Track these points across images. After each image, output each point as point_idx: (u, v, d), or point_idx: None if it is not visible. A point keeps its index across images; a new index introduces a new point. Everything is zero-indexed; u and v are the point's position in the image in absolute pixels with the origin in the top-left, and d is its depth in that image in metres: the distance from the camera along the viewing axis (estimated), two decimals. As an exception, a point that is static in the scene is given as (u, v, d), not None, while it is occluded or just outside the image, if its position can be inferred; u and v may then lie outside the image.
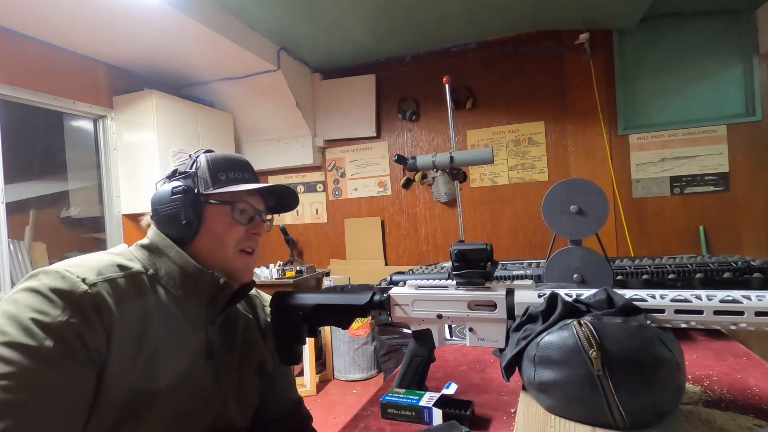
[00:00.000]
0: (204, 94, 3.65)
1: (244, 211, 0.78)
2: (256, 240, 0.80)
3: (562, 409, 0.59)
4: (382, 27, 3.20)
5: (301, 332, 0.83)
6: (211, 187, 0.76)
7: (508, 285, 0.73)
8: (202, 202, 0.75)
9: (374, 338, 3.33)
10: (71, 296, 0.59)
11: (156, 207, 0.76)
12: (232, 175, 0.78)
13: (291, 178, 4.16)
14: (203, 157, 0.79)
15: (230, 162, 0.80)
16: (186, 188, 0.74)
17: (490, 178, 3.59)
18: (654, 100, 3.22)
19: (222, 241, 0.75)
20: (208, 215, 0.75)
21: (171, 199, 0.74)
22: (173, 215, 0.74)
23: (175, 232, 0.74)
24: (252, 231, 0.78)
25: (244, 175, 0.80)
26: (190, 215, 0.73)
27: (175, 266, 0.72)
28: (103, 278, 0.64)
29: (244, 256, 0.78)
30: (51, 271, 0.62)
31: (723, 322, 0.57)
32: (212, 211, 0.75)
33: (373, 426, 0.73)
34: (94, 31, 2.59)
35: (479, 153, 1.67)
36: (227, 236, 0.75)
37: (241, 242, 0.77)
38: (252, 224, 0.79)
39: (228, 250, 0.76)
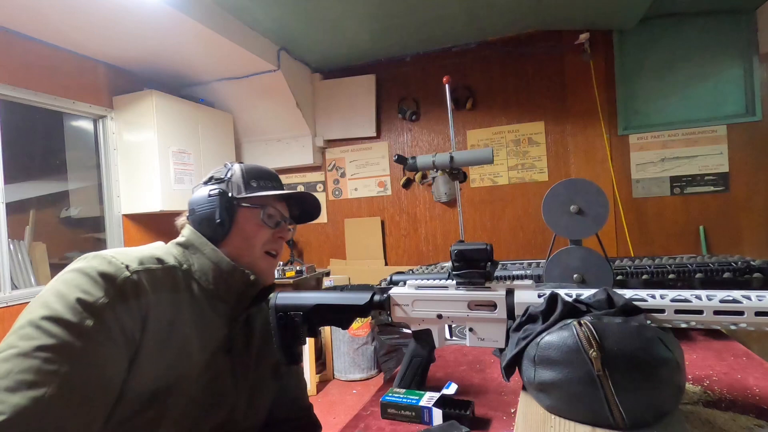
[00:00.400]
0: (204, 94, 3.65)
1: (271, 215, 0.85)
2: (280, 243, 0.87)
3: (562, 409, 0.59)
4: (382, 27, 3.20)
5: (301, 332, 0.83)
6: (244, 192, 0.83)
7: (508, 285, 0.73)
8: (235, 204, 0.82)
9: (374, 338, 3.33)
10: (115, 281, 0.64)
11: (193, 207, 0.83)
12: (262, 183, 0.86)
13: (291, 178, 4.16)
14: (237, 166, 0.87)
15: (261, 172, 0.88)
16: (221, 192, 0.81)
17: (490, 178, 3.59)
18: (654, 100, 3.23)
19: (251, 242, 0.82)
20: (239, 217, 0.82)
21: (207, 200, 0.81)
22: (208, 215, 0.81)
23: (209, 232, 0.81)
24: (278, 234, 0.86)
25: (273, 184, 0.89)
26: (223, 216, 0.80)
27: (209, 262, 0.78)
28: (143, 267, 0.69)
29: (268, 258, 0.85)
30: (99, 255, 0.67)
31: (723, 322, 0.57)
32: (243, 213, 0.82)
33: (373, 426, 0.73)
34: (94, 31, 2.59)
35: (479, 153, 1.67)
36: (256, 237, 0.82)
37: (267, 244, 0.84)
38: (278, 228, 0.86)
39: (255, 250, 0.82)
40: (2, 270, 2.46)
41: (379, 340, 3.23)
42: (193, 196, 0.84)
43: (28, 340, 0.56)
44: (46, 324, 0.57)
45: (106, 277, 0.64)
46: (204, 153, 3.46)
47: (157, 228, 3.37)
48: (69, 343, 0.57)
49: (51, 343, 0.56)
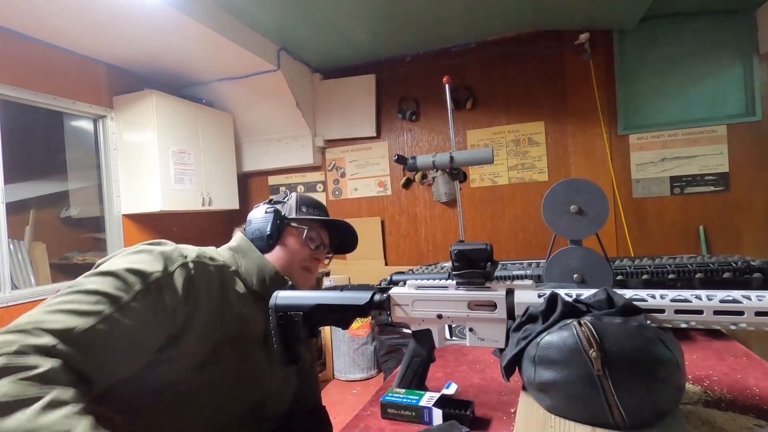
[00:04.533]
0: (204, 94, 3.65)
1: (313, 238, 0.99)
2: (316, 264, 1.01)
3: (562, 409, 0.59)
4: (382, 27, 3.20)
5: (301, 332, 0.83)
6: (294, 214, 0.98)
7: (508, 285, 0.73)
8: (285, 223, 0.97)
9: (374, 338, 3.33)
10: (173, 264, 0.76)
11: (250, 220, 0.99)
12: (312, 210, 1.01)
13: (291, 178, 4.16)
14: (294, 194, 1.03)
15: (312, 201, 1.04)
16: (275, 210, 0.98)
17: (490, 178, 3.59)
18: (654, 100, 3.22)
19: (291, 256, 0.96)
20: (286, 234, 0.97)
21: (263, 216, 0.97)
22: (261, 228, 0.96)
23: (258, 242, 0.96)
24: (315, 255, 1.00)
25: (321, 213, 1.03)
26: (273, 231, 0.96)
27: (255, 266, 0.92)
28: (199, 261, 0.81)
29: (304, 273, 0.99)
30: (166, 242, 0.81)
31: (723, 322, 0.57)
32: (290, 231, 0.98)
33: (373, 426, 0.73)
34: (94, 31, 2.59)
35: (479, 153, 1.66)
36: (296, 254, 0.97)
37: (304, 261, 0.98)
38: (317, 251, 1.00)
39: (294, 264, 0.97)
40: (2, 270, 2.46)
41: (379, 340, 3.23)
42: (252, 212, 1.01)
43: (92, 283, 0.67)
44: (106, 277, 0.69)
45: (166, 258, 0.76)
46: (204, 153, 3.46)
47: (158, 228, 3.37)
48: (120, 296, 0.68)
49: (106, 291, 0.67)
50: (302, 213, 0.99)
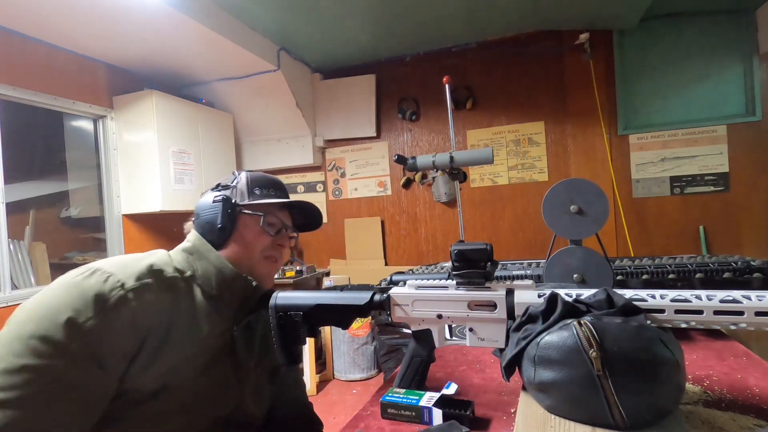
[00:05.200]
0: (204, 94, 3.65)
1: (272, 223, 0.86)
2: (280, 251, 0.88)
3: (562, 409, 0.59)
4: (382, 27, 3.20)
5: (301, 332, 0.83)
6: (247, 199, 0.85)
7: (508, 285, 0.73)
8: (237, 211, 0.84)
9: (374, 338, 3.33)
10: (108, 301, 0.64)
11: (198, 212, 0.86)
12: (266, 191, 0.88)
13: (291, 178, 4.16)
14: (244, 174, 0.89)
15: (266, 180, 0.90)
16: (224, 198, 0.84)
17: (490, 178, 3.59)
18: (654, 100, 3.22)
19: (250, 247, 0.84)
20: (240, 223, 0.84)
21: (211, 206, 0.84)
22: (211, 220, 0.83)
23: (211, 236, 0.83)
24: (277, 242, 0.87)
25: (277, 192, 0.90)
26: (225, 221, 0.83)
27: (213, 268, 0.80)
28: (140, 283, 0.69)
29: (268, 263, 0.86)
30: (98, 271, 0.67)
31: (723, 322, 0.57)
32: (245, 219, 0.84)
33: (373, 426, 0.73)
34: (94, 31, 2.59)
35: (479, 153, 1.67)
36: (255, 243, 0.84)
37: (266, 250, 0.85)
38: (278, 236, 0.87)
39: (254, 255, 0.84)
40: (2, 270, 2.46)
41: (379, 340, 3.23)
42: (199, 201, 0.87)
43: (16, 356, 0.57)
44: (33, 342, 0.58)
45: (99, 297, 0.64)
46: (204, 153, 3.46)
47: (157, 228, 3.36)
48: (53, 365, 0.58)
49: (36, 364, 0.57)
50: (256, 196, 0.86)
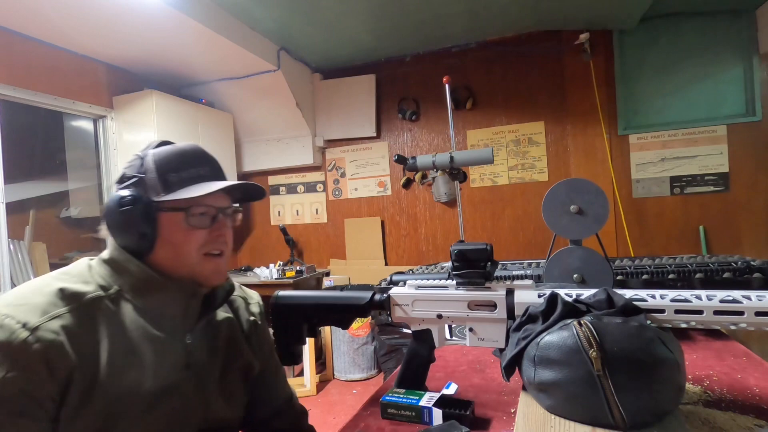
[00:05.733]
0: (204, 94, 3.65)
1: (202, 213, 0.71)
2: (222, 241, 0.74)
3: (562, 409, 0.59)
4: (382, 27, 3.20)
5: (301, 332, 0.83)
6: (162, 193, 0.69)
7: (508, 285, 0.73)
8: (154, 210, 0.68)
9: (374, 338, 3.33)
10: (10, 347, 0.55)
11: (107, 219, 0.70)
12: (184, 174, 0.71)
13: (291, 178, 4.16)
14: (150, 158, 0.71)
15: (181, 159, 0.72)
16: (133, 198, 0.67)
17: (490, 178, 3.59)
18: (654, 100, 3.22)
19: (182, 250, 0.70)
20: (162, 224, 0.69)
21: (119, 211, 0.67)
22: (124, 228, 0.68)
23: (131, 244, 0.69)
24: (215, 233, 0.72)
25: (199, 171, 0.72)
26: (142, 227, 0.68)
27: (139, 282, 0.68)
28: (48, 317, 0.59)
29: (211, 260, 0.73)
30: None
31: (723, 322, 0.57)
32: (166, 219, 0.69)
33: (373, 426, 0.73)
34: (94, 31, 2.59)
35: (479, 153, 1.67)
36: (186, 244, 0.70)
37: (204, 246, 0.72)
38: (215, 225, 0.72)
39: (190, 257, 0.70)
40: (2, 270, 2.46)
41: (379, 340, 3.23)
42: (105, 204, 0.70)
43: None
44: None
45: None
46: (204, 153, 3.45)
47: (157, 228, 3.36)
48: None
49: None
50: (171, 185, 0.69)
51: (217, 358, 0.76)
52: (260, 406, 0.86)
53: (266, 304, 0.90)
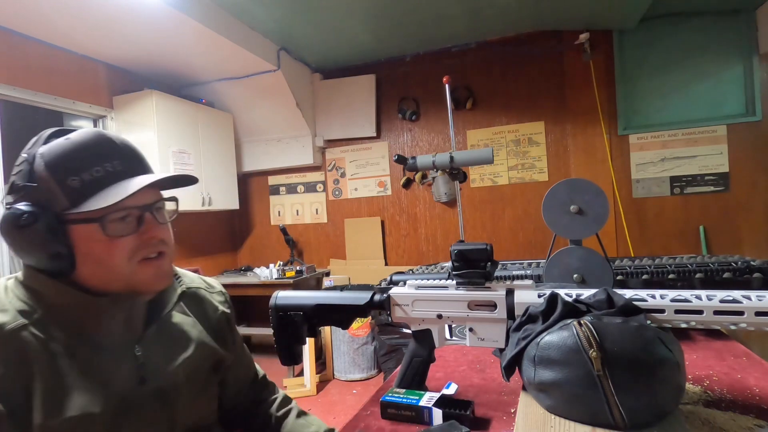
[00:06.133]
0: (204, 94, 3.65)
1: (124, 217, 0.60)
2: (155, 242, 0.63)
3: (562, 409, 0.59)
4: (382, 27, 3.20)
5: (301, 332, 0.83)
6: (66, 203, 0.57)
7: (508, 285, 0.73)
8: (62, 225, 0.57)
9: (374, 338, 3.33)
10: None
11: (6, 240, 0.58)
12: (87, 176, 0.58)
13: (291, 178, 4.16)
14: (40, 161, 0.58)
15: (80, 157, 0.59)
16: (31, 215, 0.56)
17: (490, 178, 3.59)
18: (654, 100, 3.22)
19: (109, 264, 0.60)
20: (77, 239, 0.58)
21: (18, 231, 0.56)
22: (28, 250, 0.57)
23: (45, 266, 0.58)
24: (145, 236, 0.62)
25: (107, 167, 0.59)
26: (50, 248, 0.57)
27: (61, 303, 0.59)
28: None
29: (149, 264, 0.63)
30: None
31: (723, 322, 0.57)
32: (80, 232, 0.58)
33: (373, 426, 0.73)
34: (94, 31, 2.59)
35: (479, 153, 1.67)
36: (112, 257, 0.59)
37: (136, 253, 0.61)
38: (142, 228, 0.62)
39: (121, 269, 0.60)
40: (2, 270, 2.46)
41: (379, 340, 3.23)
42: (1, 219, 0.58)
43: None
44: None
45: None
46: (204, 153, 3.46)
47: (157, 228, 3.36)
48: None
49: None
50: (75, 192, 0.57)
51: (178, 363, 0.69)
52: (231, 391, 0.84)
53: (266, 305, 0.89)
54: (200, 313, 0.78)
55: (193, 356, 0.71)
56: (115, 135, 0.63)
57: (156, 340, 0.68)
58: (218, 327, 0.80)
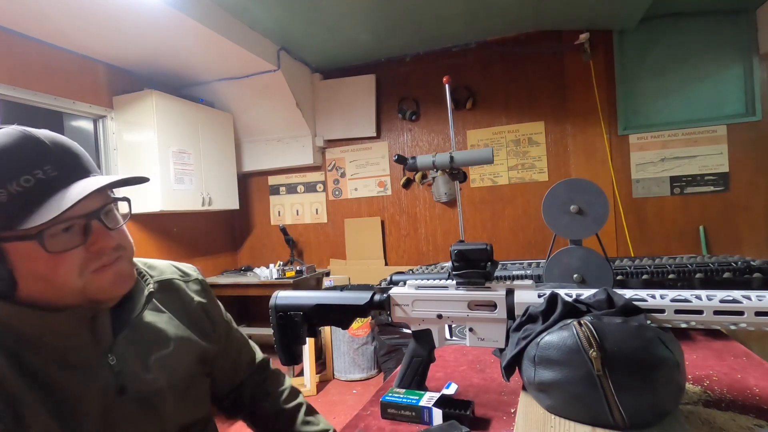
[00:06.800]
0: (204, 94, 3.65)
1: (69, 227, 0.53)
2: (108, 251, 0.57)
3: (562, 409, 0.59)
4: (382, 27, 3.20)
5: (301, 332, 0.83)
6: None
7: (508, 285, 0.73)
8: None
9: (374, 338, 3.33)
10: None
11: None
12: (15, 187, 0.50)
13: (291, 178, 4.16)
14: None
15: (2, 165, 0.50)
16: None
17: (490, 178, 3.59)
18: (654, 100, 3.23)
19: (56, 281, 0.53)
20: (13, 257, 0.52)
21: None
22: None
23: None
24: (95, 246, 0.55)
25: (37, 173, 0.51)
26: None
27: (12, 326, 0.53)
28: None
29: (104, 271, 0.57)
30: None
31: (723, 322, 0.57)
32: (15, 250, 0.52)
33: (373, 426, 0.73)
34: (94, 31, 2.59)
35: (479, 153, 1.67)
36: (59, 274, 0.53)
37: (87, 266, 0.55)
38: (91, 238, 0.55)
39: (72, 284, 0.54)
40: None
41: (379, 340, 3.23)
42: None
43: None
44: None
45: None
46: (204, 153, 3.46)
47: (157, 228, 3.36)
48: None
49: None
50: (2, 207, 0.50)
51: (159, 365, 0.66)
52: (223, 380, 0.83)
53: (266, 305, 0.90)
54: (176, 306, 0.74)
55: (172, 354, 0.68)
56: (43, 132, 0.55)
57: (130, 345, 0.63)
58: (197, 318, 0.76)
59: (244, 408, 0.88)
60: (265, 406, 0.87)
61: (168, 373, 0.67)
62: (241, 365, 0.87)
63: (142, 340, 0.66)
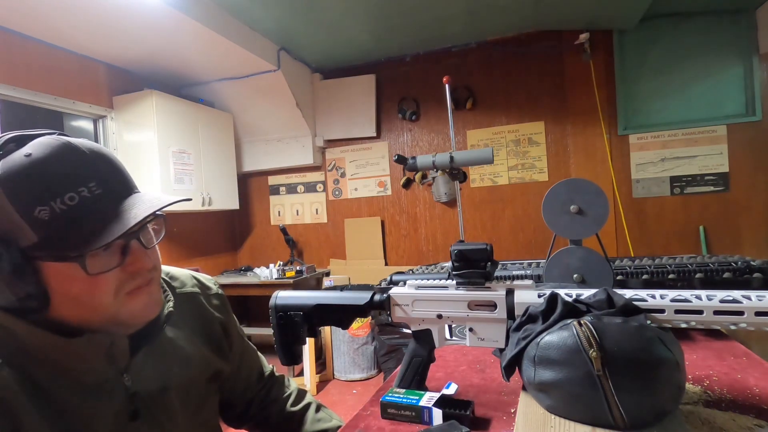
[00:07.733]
0: (204, 94, 3.65)
1: (107, 249, 0.52)
2: (144, 272, 0.56)
3: (562, 409, 0.59)
4: (382, 27, 3.20)
5: (301, 332, 0.83)
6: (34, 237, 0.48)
7: (508, 285, 0.73)
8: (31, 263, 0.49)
9: (374, 338, 3.33)
10: None
11: None
12: (59, 205, 0.48)
13: (291, 178, 4.16)
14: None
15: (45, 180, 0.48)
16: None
17: (490, 178, 3.59)
18: (654, 100, 3.23)
19: (90, 303, 0.52)
20: (50, 277, 0.50)
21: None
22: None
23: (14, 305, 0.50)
24: (131, 267, 0.54)
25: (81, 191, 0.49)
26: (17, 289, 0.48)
27: (32, 346, 0.51)
28: None
29: (138, 294, 0.56)
30: None
31: (723, 322, 0.57)
32: (54, 271, 0.50)
33: (373, 426, 0.73)
34: (94, 31, 2.59)
35: (479, 153, 1.67)
36: (94, 296, 0.52)
37: (122, 288, 0.54)
38: (129, 258, 0.54)
39: (106, 307, 0.53)
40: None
41: (379, 340, 3.23)
42: None
43: None
44: None
45: None
46: (204, 153, 3.46)
47: (157, 228, 3.36)
48: None
49: None
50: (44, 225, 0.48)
51: (175, 384, 0.64)
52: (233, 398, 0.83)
53: (266, 305, 0.90)
54: (195, 321, 0.73)
55: (189, 374, 0.67)
56: (83, 143, 0.53)
57: (147, 364, 0.61)
58: (216, 336, 0.76)
59: (251, 419, 0.88)
60: (272, 412, 0.88)
61: (184, 393, 0.66)
62: (252, 383, 0.88)
63: (160, 359, 0.64)
